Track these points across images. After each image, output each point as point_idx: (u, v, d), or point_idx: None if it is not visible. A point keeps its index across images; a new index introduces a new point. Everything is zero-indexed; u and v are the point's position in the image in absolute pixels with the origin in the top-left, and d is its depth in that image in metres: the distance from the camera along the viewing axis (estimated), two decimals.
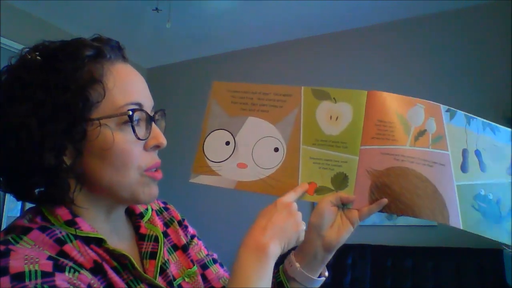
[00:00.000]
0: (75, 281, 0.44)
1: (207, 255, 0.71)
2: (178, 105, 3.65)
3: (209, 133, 0.72)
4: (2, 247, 0.44)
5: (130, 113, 0.52)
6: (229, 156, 0.70)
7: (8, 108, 0.49)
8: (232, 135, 0.71)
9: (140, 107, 0.54)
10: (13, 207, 2.70)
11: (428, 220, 0.64)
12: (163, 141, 0.56)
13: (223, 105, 0.73)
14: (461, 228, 0.63)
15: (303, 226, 0.60)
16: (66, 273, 0.44)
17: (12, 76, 0.51)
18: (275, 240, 0.55)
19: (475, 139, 0.66)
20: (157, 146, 0.56)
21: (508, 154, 0.67)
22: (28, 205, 0.55)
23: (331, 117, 0.68)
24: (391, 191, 0.64)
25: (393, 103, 0.66)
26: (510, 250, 2.05)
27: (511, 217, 0.65)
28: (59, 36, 0.58)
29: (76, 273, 0.46)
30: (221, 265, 0.72)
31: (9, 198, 2.64)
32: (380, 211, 0.64)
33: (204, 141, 0.72)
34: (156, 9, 2.54)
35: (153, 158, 0.56)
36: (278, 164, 0.68)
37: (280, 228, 0.56)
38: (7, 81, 0.51)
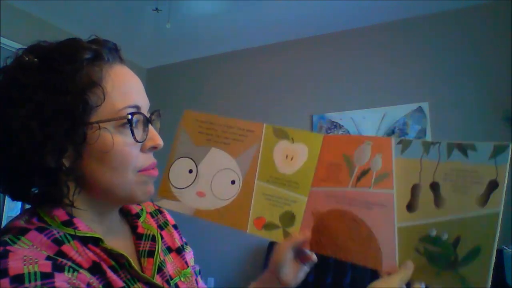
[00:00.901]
0: (74, 281, 0.44)
1: (194, 265, 0.71)
2: (178, 105, 3.65)
3: (176, 160, 0.75)
4: (1, 249, 0.44)
5: (130, 116, 0.52)
6: (190, 184, 0.73)
7: (8, 110, 0.49)
8: (195, 163, 0.74)
9: (138, 110, 0.54)
10: (13, 207, 2.70)
11: (361, 265, 0.61)
12: (160, 142, 0.57)
13: (191, 134, 0.76)
14: None
15: None
16: (66, 273, 0.44)
17: (10, 77, 0.51)
18: None
19: (432, 170, 0.58)
20: (154, 147, 0.57)
21: (482, 177, 0.54)
22: (28, 206, 0.55)
23: (287, 156, 0.70)
24: (329, 233, 0.64)
25: (343, 144, 0.67)
26: (510, 250, 2.05)
27: (475, 259, 0.52)
28: (59, 36, 0.58)
29: (75, 273, 0.46)
30: (201, 278, 0.73)
31: (9, 198, 2.64)
32: (319, 252, 0.65)
33: (170, 167, 0.75)
34: (156, 9, 2.54)
35: (149, 159, 0.56)
36: (233, 196, 0.71)
37: None
38: (5, 83, 0.51)
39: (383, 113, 2.82)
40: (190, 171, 0.73)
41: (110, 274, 0.50)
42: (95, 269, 0.49)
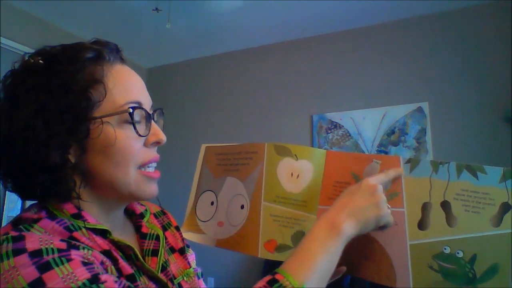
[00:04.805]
0: (89, 257, 0.46)
1: (196, 268, 0.72)
2: (178, 105, 3.65)
3: (201, 194, 0.76)
4: (16, 233, 0.46)
5: (131, 110, 0.53)
6: (212, 216, 0.74)
7: (14, 111, 0.51)
8: (215, 195, 0.75)
9: (139, 105, 0.56)
10: (13, 207, 2.70)
11: (375, 282, 0.61)
12: (163, 137, 0.58)
13: (211, 167, 0.77)
14: None
15: (386, 210, 0.57)
16: (81, 250, 0.46)
17: (16, 80, 0.53)
18: (351, 219, 0.54)
19: (442, 189, 0.58)
20: (157, 142, 0.58)
21: (494, 199, 0.55)
22: (28, 204, 0.56)
23: (292, 174, 0.68)
24: (343, 251, 0.63)
25: (349, 162, 0.66)
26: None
27: (495, 275, 0.54)
28: (59, 36, 0.59)
29: (90, 251, 0.47)
30: (203, 281, 0.74)
31: (9, 198, 2.64)
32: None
33: (197, 202, 0.76)
34: (156, 9, 2.54)
35: (152, 153, 0.58)
36: (242, 221, 0.70)
37: (359, 209, 0.55)
38: (12, 85, 0.53)
39: (383, 113, 2.82)
40: (212, 203, 0.74)
41: (120, 260, 0.51)
42: (106, 255, 0.50)
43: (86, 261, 0.45)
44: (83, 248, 0.47)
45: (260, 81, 3.35)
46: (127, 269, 0.51)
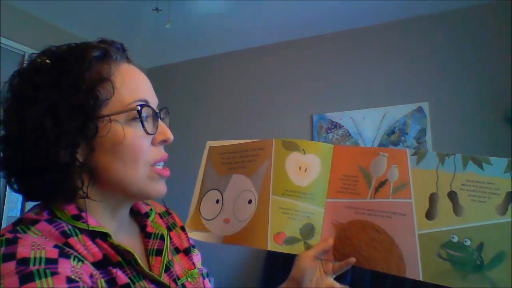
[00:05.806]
0: (78, 270, 0.46)
1: (201, 268, 0.72)
2: (178, 105, 3.65)
3: (205, 193, 0.77)
4: (11, 235, 0.46)
5: (139, 108, 0.54)
6: (218, 214, 0.74)
7: (22, 111, 0.51)
8: (221, 193, 0.76)
9: (147, 104, 0.56)
10: (13, 207, 2.70)
11: (384, 272, 0.62)
12: (170, 136, 0.58)
13: (215, 167, 0.78)
14: (421, 280, 0.59)
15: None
16: (71, 261, 0.46)
17: (24, 79, 0.53)
18: None
19: (449, 180, 0.61)
20: (164, 141, 0.58)
21: (499, 189, 0.58)
22: (28, 206, 0.56)
23: (300, 168, 0.69)
24: (352, 243, 0.65)
25: (357, 156, 0.67)
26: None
27: (501, 262, 0.56)
28: (59, 36, 0.59)
29: (80, 263, 0.47)
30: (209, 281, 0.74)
31: (9, 198, 2.64)
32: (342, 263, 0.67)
33: (201, 201, 0.77)
34: (156, 9, 2.54)
35: (160, 152, 0.58)
36: (250, 215, 0.70)
37: None
38: (20, 85, 0.53)
39: (383, 113, 2.82)
40: (217, 201, 0.75)
41: (115, 269, 0.51)
42: (100, 264, 0.50)
43: (72, 276, 0.44)
44: (74, 259, 0.46)
45: (260, 81, 3.35)
46: (122, 278, 0.51)
